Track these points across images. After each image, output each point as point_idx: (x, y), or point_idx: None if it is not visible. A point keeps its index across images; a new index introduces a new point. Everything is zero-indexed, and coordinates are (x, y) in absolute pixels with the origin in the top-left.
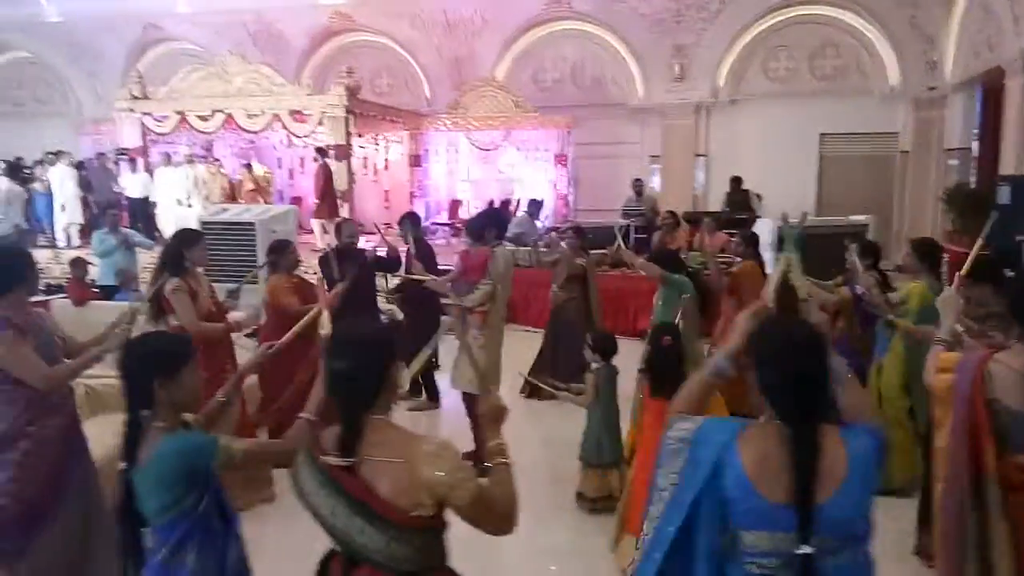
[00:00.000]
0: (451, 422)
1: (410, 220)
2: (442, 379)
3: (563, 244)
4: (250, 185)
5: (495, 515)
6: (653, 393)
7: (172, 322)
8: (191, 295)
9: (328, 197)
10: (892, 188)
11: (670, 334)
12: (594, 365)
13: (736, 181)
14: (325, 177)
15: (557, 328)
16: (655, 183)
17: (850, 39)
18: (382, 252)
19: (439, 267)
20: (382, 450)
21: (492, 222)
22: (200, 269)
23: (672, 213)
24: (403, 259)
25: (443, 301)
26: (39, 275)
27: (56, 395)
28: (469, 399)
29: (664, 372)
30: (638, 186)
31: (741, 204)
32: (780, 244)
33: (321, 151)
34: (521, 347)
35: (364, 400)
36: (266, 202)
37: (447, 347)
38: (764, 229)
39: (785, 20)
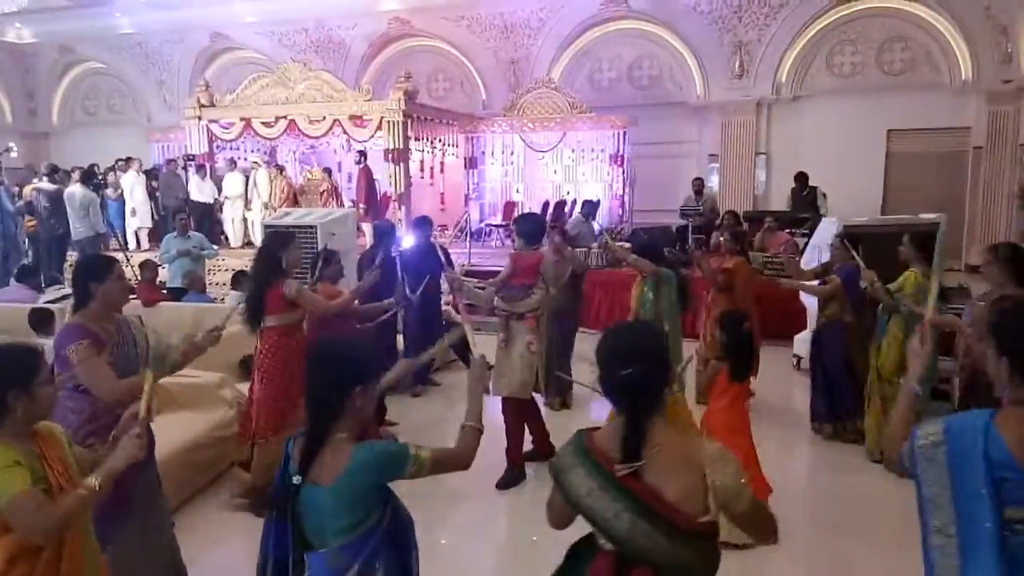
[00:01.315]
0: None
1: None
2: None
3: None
4: (324, 187)
5: (763, 524)
6: (734, 378)
7: (269, 323)
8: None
9: (371, 200)
10: (964, 185)
11: (741, 320)
12: None
13: (802, 178)
14: (367, 181)
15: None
16: (713, 182)
17: (920, 32)
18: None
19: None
20: (665, 453)
21: (541, 225)
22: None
23: (733, 213)
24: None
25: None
26: (126, 286)
27: (123, 409)
28: (512, 405)
29: (747, 357)
30: (698, 185)
31: (807, 202)
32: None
33: (362, 154)
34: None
35: (651, 405)
36: (339, 206)
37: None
38: (828, 230)
39: (851, 14)
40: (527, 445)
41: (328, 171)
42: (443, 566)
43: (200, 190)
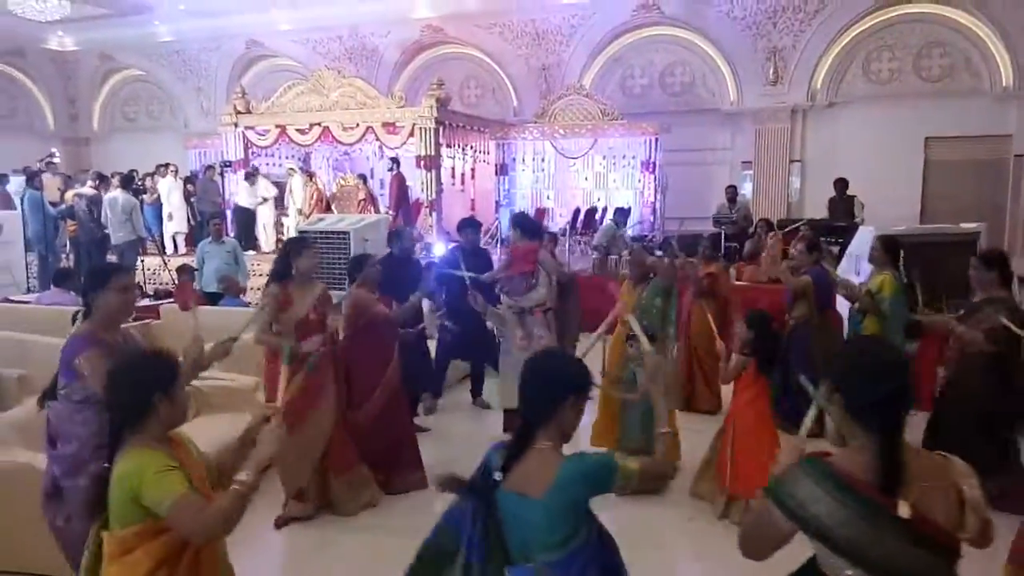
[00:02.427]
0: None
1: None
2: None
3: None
4: (361, 195)
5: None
6: (760, 371)
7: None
8: (284, 302)
9: (403, 207)
10: (1005, 194)
11: (768, 319)
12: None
13: (842, 184)
14: (399, 187)
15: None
16: (747, 190)
17: (959, 37)
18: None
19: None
20: (925, 478)
21: (539, 225)
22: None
23: (767, 221)
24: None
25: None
26: (128, 300)
27: None
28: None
29: (773, 353)
30: (731, 193)
31: (845, 210)
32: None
33: (395, 161)
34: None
35: (904, 423)
36: (375, 212)
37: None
38: (865, 239)
39: (888, 19)
40: None
41: (364, 178)
42: None
43: (250, 195)
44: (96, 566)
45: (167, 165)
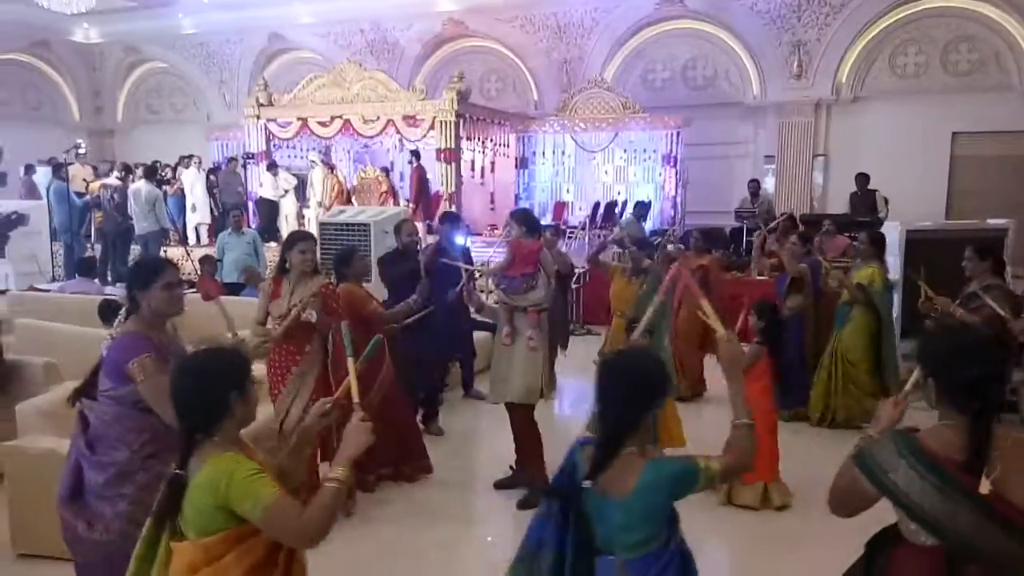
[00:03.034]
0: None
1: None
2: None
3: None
4: (384, 187)
5: None
6: (770, 357)
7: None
8: (273, 295)
9: (423, 199)
10: None
11: (773, 308)
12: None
13: (863, 179)
14: (419, 180)
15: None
16: (769, 184)
17: (988, 32)
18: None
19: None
20: (1009, 459)
21: (538, 220)
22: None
23: (790, 216)
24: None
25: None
26: (176, 296)
27: None
28: (520, 412)
29: (780, 339)
30: (754, 187)
31: (867, 206)
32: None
33: (415, 154)
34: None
35: (996, 405)
36: (395, 204)
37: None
38: (891, 235)
39: (915, 13)
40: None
41: (386, 171)
42: None
43: (272, 186)
44: (147, 573)
45: (190, 157)
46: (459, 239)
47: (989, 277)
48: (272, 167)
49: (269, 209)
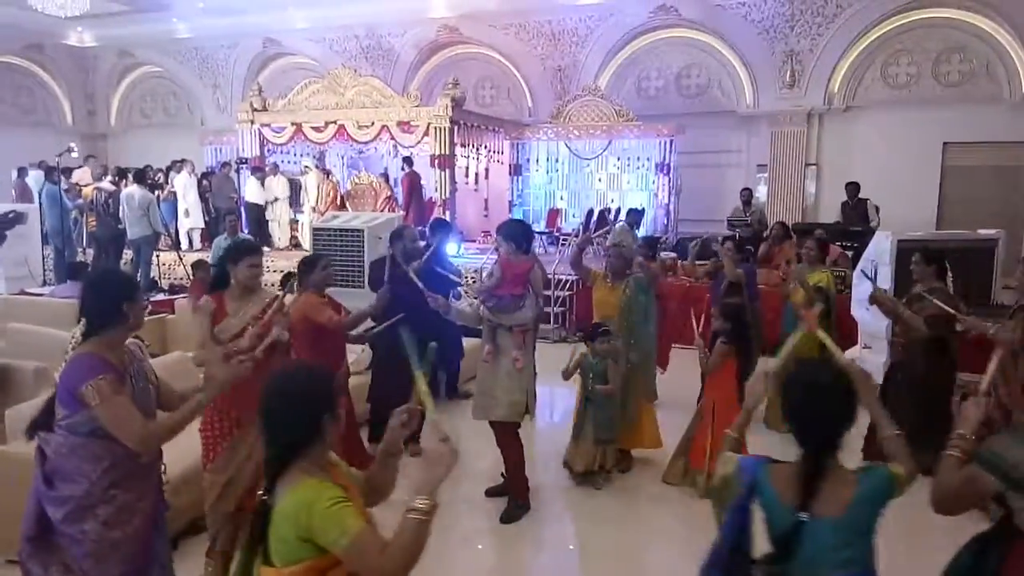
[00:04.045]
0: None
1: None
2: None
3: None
4: (386, 193)
5: None
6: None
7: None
8: (218, 313)
9: (415, 205)
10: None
11: (741, 309)
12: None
13: (854, 188)
14: (411, 185)
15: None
16: (761, 193)
17: (979, 43)
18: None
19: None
20: None
21: (530, 231)
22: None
23: (783, 224)
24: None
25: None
26: (144, 308)
27: (148, 455)
28: (504, 430)
29: (745, 340)
30: (746, 195)
31: (858, 215)
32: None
33: (408, 160)
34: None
35: None
36: (391, 210)
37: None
38: (882, 244)
39: (907, 24)
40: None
41: (386, 177)
42: None
43: (257, 192)
44: None
45: (182, 161)
46: (451, 246)
47: (934, 281)
48: (257, 171)
49: (256, 214)
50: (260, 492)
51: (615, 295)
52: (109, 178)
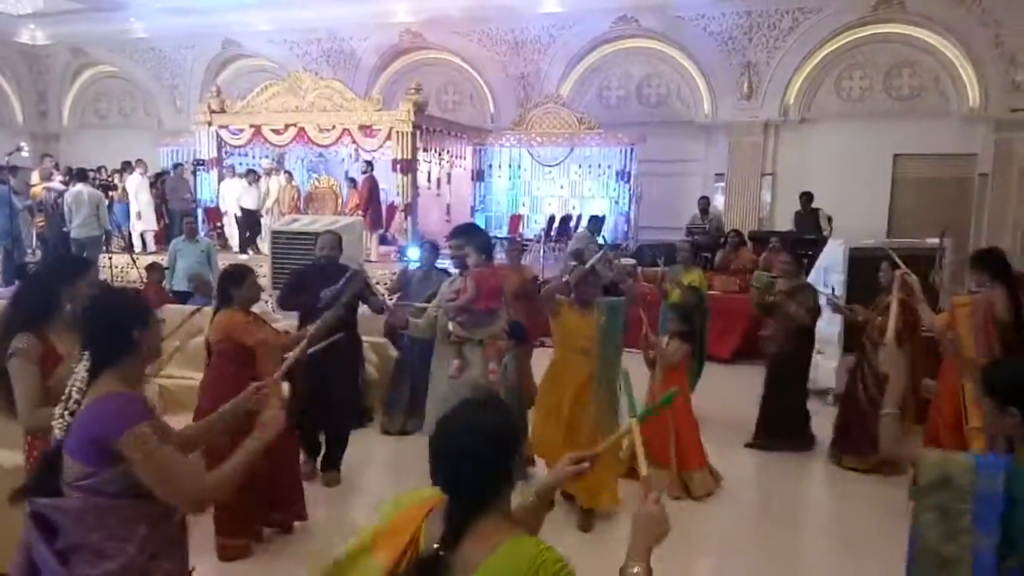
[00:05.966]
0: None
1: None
2: None
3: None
4: (356, 200)
5: None
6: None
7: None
8: (48, 360)
9: (373, 209)
10: (970, 211)
11: (692, 309)
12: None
13: (807, 197)
14: (370, 190)
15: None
16: (719, 201)
17: (929, 58)
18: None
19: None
20: None
21: (489, 237)
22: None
23: (738, 232)
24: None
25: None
26: (159, 333)
27: (182, 514)
28: None
29: (695, 333)
30: (703, 204)
31: (811, 223)
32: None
33: (369, 164)
34: None
35: None
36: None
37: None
38: (836, 251)
39: (860, 39)
40: None
41: (354, 181)
42: None
43: (251, 197)
44: None
45: (139, 162)
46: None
47: (800, 278)
48: (252, 173)
49: (251, 220)
50: (437, 547)
51: (587, 322)
52: (59, 178)
